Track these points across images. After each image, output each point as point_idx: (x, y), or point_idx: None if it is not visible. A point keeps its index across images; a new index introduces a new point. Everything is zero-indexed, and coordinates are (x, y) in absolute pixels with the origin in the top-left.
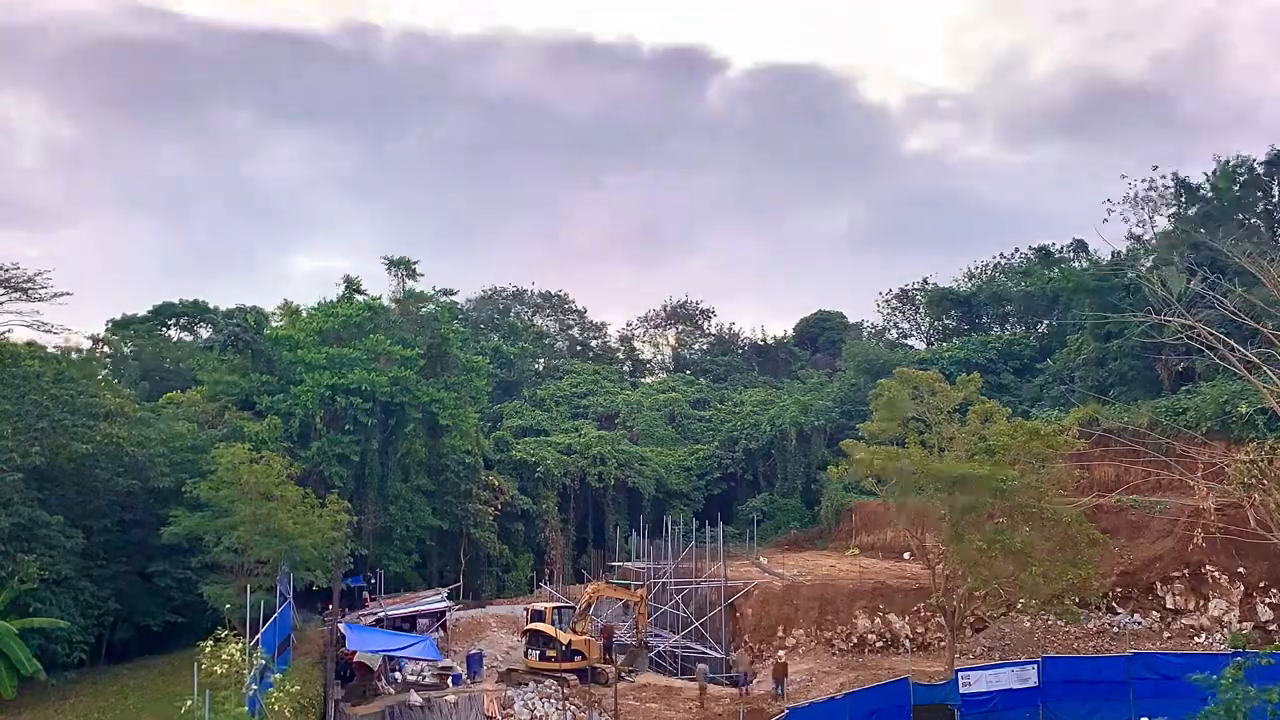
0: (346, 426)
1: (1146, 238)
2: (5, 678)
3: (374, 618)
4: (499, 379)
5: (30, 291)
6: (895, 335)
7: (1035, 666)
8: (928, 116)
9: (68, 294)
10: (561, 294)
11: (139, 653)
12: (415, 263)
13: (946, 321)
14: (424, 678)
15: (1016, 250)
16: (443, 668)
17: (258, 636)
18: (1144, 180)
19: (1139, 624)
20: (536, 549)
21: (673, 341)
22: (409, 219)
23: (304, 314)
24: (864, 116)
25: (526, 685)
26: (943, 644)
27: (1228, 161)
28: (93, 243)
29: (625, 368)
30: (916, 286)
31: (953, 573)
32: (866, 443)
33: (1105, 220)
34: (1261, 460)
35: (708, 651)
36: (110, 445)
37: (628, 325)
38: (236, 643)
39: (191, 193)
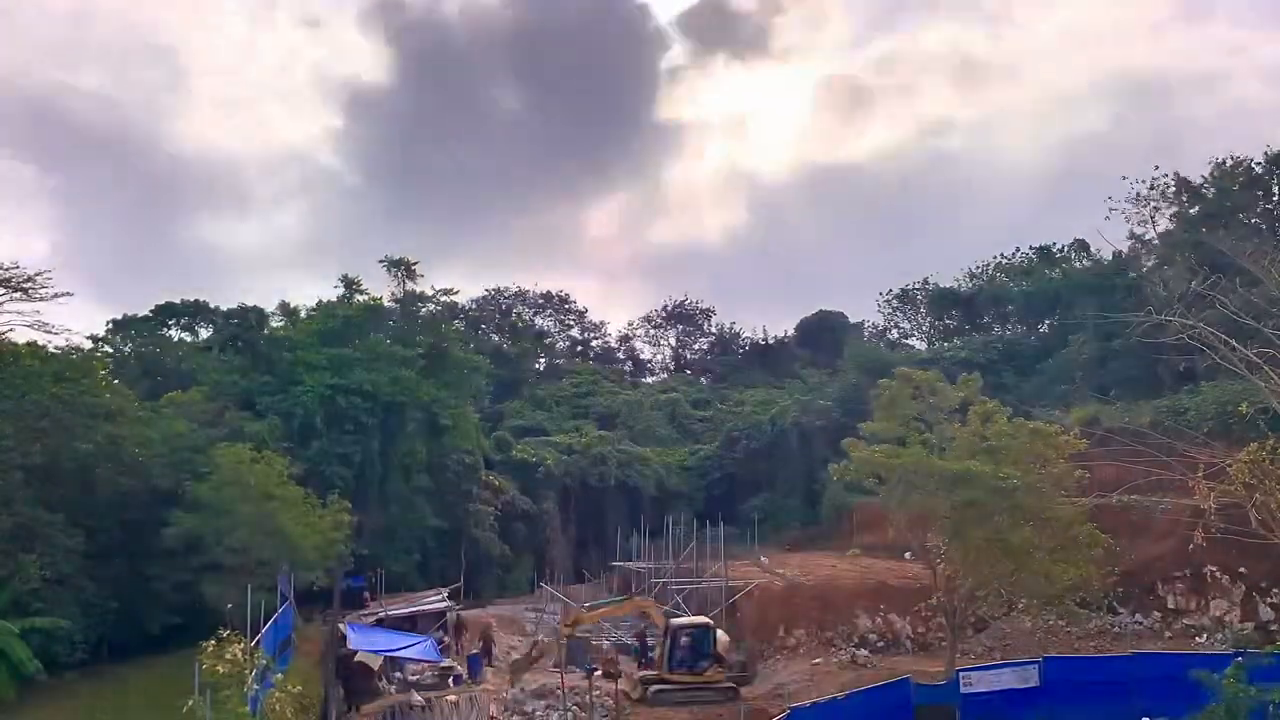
0: (347, 426)
1: (1148, 237)
2: (5, 678)
3: (374, 618)
4: (499, 379)
5: (30, 291)
6: (896, 335)
7: (1036, 666)
8: None
9: (68, 294)
10: (562, 294)
11: (139, 653)
12: (415, 263)
13: (947, 321)
14: (424, 678)
15: (1017, 250)
16: (443, 668)
17: (258, 637)
18: (1145, 179)
19: (1140, 624)
20: (537, 549)
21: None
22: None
23: (303, 314)
24: None
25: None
26: (944, 644)
27: (1225, 161)
28: None
29: (626, 368)
30: (917, 286)
31: (954, 572)
32: (867, 442)
33: (1107, 219)
34: (1263, 460)
35: None
36: (111, 445)
37: (628, 325)
38: (238, 643)
39: None
